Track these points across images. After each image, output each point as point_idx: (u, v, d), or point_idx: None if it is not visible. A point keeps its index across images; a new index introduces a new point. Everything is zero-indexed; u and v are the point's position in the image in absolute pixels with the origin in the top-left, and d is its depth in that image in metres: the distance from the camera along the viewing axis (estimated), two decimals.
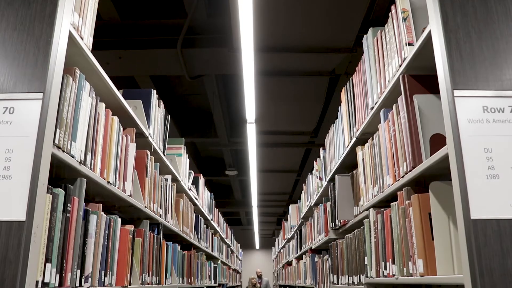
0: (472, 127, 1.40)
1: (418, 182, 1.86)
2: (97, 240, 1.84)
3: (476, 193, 1.33)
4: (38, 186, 1.35)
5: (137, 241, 2.45)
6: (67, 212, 1.57)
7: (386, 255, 2.07)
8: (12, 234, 1.32)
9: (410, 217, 1.76)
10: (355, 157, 2.76)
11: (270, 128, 7.56)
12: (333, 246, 3.45)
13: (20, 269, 1.29)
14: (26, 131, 1.40)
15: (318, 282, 4.35)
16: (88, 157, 1.78)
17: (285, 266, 9.19)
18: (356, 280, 2.70)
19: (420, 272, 1.66)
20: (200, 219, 5.05)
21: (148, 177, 2.71)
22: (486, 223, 1.31)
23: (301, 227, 6.17)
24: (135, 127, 2.51)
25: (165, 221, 3.14)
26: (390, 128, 2.05)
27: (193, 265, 4.44)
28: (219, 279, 7.25)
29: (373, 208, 2.28)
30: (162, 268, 3.04)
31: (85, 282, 1.74)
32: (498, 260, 1.29)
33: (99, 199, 2.28)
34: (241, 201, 13.04)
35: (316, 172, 4.63)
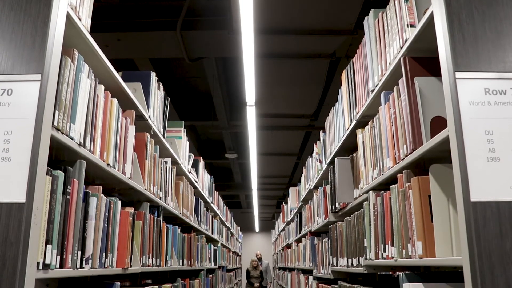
0: (473, 109, 1.39)
1: (418, 164, 1.86)
2: (97, 222, 1.85)
3: (476, 176, 1.33)
4: (37, 168, 1.35)
5: (137, 223, 2.46)
6: (67, 194, 1.57)
7: (385, 237, 2.08)
8: (12, 215, 1.32)
9: (409, 200, 1.76)
10: (355, 140, 2.76)
11: (270, 111, 7.54)
12: (332, 228, 3.46)
13: (21, 250, 1.30)
14: (24, 113, 1.39)
15: (318, 265, 4.38)
16: (88, 139, 1.77)
17: (285, 249, 9.25)
18: (355, 263, 2.72)
19: (419, 254, 1.67)
20: (200, 202, 5.07)
21: (148, 159, 2.71)
22: (485, 205, 1.31)
23: (301, 210, 6.20)
24: (135, 110, 2.50)
25: (165, 203, 3.15)
26: (391, 110, 2.04)
27: (193, 247, 4.47)
28: (219, 262, 7.31)
29: (372, 190, 2.29)
30: (163, 250, 3.06)
31: (85, 264, 1.74)
32: (497, 242, 1.29)
33: (99, 181, 2.28)
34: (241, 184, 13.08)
35: (316, 155, 4.63)
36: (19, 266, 1.29)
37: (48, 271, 1.43)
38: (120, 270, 2.14)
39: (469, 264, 1.29)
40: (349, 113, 2.91)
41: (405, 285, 1.73)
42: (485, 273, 1.28)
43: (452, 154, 1.39)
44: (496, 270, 1.28)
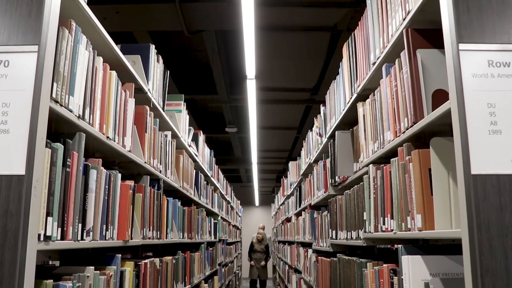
0: (476, 82, 1.38)
1: (418, 138, 1.86)
2: (97, 195, 1.85)
3: (477, 148, 1.32)
4: (36, 140, 1.35)
5: (138, 196, 2.47)
6: (66, 167, 1.57)
7: (385, 210, 2.09)
8: (12, 187, 1.32)
9: (410, 173, 1.76)
10: (355, 114, 2.75)
11: (270, 84, 7.50)
12: (332, 202, 3.48)
13: (22, 222, 1.30)
14: (22, 85, 1.38)
15: (317, 238, 4.41)
16: (87, 111, 1.76)
17: (284, 223, 9.32)
18: (355, 236, 2.74)
19: (419, 227, 1.68)
20: (200, 176, 5.09)
21: (147, 132, 2.70)
22: (486, 178, 1.31)
23: (301, 183, 6.22)
24: (134, 82, 2.48)
25: (165, 177, 3.15)
26: (392, 83, 2.03)
27: (194, 220, 4.50)
28: (219, 235, 7.37)
29: (373, 164, 2.29)
30: (163, 223, 3.08)
31: (86, 236, 1.75)
32: (496, 214, 1.29)
33: (99, 155, 2.28)
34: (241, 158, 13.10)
35: (316, 129, 4.63)
36: (20, 238, 1.30)
37: (49, 243, 1.44)
38: (121, 242, 2.16)
39: (468, 236, 1.29)
40: (350, 87, 2.89)
41: (403, 257, 1.75)
42: (483, 245, 1.28)
43: (453, 127, 1.38)
44: (494, 242, 1.28)
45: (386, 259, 2.21)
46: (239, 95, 7.71)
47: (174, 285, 3.46)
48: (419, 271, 1.71)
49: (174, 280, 3.46)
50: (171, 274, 3.33)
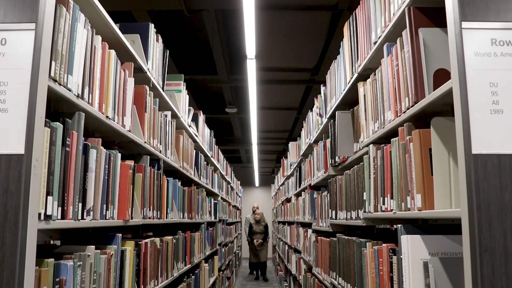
0: (479, 61, 1.36)
1: (419, 118, 1.85)
2: (97, 174, 1.85)
3: (478, 128, 1.32)
4: (35, 119, 1.34)
5: (138, 176, 2.47)
6: (66, 146, 1.57)
7: (384, 190, 2.09)
8: (11, 167, 1.32)
9: (410, 153, 1.76)
10: (356, 94, 2.74)
11: (270, 64, 7.45)
12: (332, 182, 3.49)
13: (22, 201, 1.31)
14: (20, 63, 1.36)
15: (317, 218, 4.44)
16: (86, 91, 1.75)
17: (284, 203, 9.37)
18: (354, 215, 2.75)
19: (418, 207, 1.68)
20: (200, 156, 5.09)
21: (147, 112, 2.69)
22: (486, 158, 1.30)
23: (301, 164, 6.23)
24: (133, 62, 2.46)
25: (165, 157, 3.15)
26: (393, 62, 2.01)
27: (194, 200, 4.51)
28: (219, 215, 7.41)
29: (373, 144, 2.28)
30: (163, 203, 3.09)
31: (87, 215, 1.76)
32: (496, 194, 1.30)
33: (98, 134, 2.27)
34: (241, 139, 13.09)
35: (316, 109, 4.61)
36: (20, 217, 1.30)
37: (50, 222, 1.45)
38: (121, 222, 2.17)
39: (467, 216, 1.29)
40: (351, 66, 2.87)
41: (403, 237, 1.75)
42: (483, 224, 1.29)
43: (455, 106, 1.37)
44: (494, 221, 1.29)
45: (385, 239, 2.23)
46: (239, 75, 7.67)
47: (175, 265, 3.49)
48: (418, 250, 1.72)
49: (175, 259, 3.49)
50: (172, 254, 3.36)
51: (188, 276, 4.21)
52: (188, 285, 4.11)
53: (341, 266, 3.03)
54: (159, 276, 2.94)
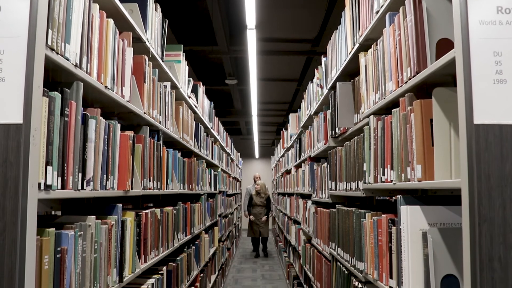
0: (483, 29, 1.34)
1: (421, 89, 1.83)
2: (97, 144, 1.84)
3: (481, 98, 1.30)
4: (33, 89, 1.33)
5: (137, 147, 2.46)
6: (65, 116, 1.56)
7: (384, 161, 2.09)
8: (10, 136, 1.31)
9: (411, 123, 1.75)
10: (357, 64, 2.71)
11: (270, 35, 7.37)
12: (332, 153, 3.49)
13: (22, 171, 1.30)
14: (16, 31, 1.34)
15: (316, 189, 4.46)
16: (84, 60, 1.73)
17: (284, 175, 9.40)
18: (354, 186, 2.76)
19: (418, 178, 1.68)
20: (200, 127, 5.08)
21: (146, 83, 2.67)
22: (488, 128, 1.29)
23: (301, 135, 6.23)
24: (132, 31, 2.43)
25: (164, 128, 3.14)
26: (396, 32, 1.98)
27: (194, 172, 4.53)
28: (219, 186, 7.45)
29: (373, 115, 2.27)
30: (163, 174, 3.09)
31: (87, 186, 1.76)
32: (497, 165, 1.29)
33: (98, 105, 2.25)
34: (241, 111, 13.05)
35: (317, 80, 4.58)
36: (20, 187, 1.30)
37: (50, 191, 1.45)
38: (121, 192, 2.17)
39: (467, 186, 1.29)
40: (352, 36, 2.84)
41: (402, 207, 1.76)
42: (482, 194, 1.29)
43: (457, 76, 1.35)
44: (493, 192, 1.29)
45: (384, 210, 2.24)
46: (239, 46, 7.59)
47: (175, 235, 3.52)
48: (417, 221, 1.73)
49: (175, 230, 3.52)
50: (172, 224, 3.38)
51: (188, 247, 4.26)
52: (188, 255, 4.15)
53: (340, 237, 3.06)
54: (160, 246, 2.97)
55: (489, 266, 1.27)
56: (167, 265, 3.27)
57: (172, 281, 3.35)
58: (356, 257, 2.55)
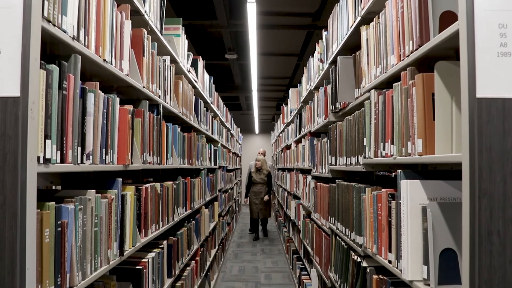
0: (489, 0, 1.31)
1: (423, 62, 1.81)
2: (96, 118, 1.83)
3: (484, 71, 1.28)
4: (30, 61, 1.31)
5: (137, 121, 2.45)
6: (63, 90, 1.54)
7: (385, 136, 2.08)
8: (8, 110, 1.30)
9: (412, 97, 1.74)
10: (358, 38, 2.68)
11: (271, 8, 7.27)
12: (332, 128, 3.48)
13: (20, 144, 1.30)
14: (10, 2, 1.31)
15: (316, 164, 4.46)
16: (82, 33, 1.71)
17: (284, 150, 9.41)
18: (354, 161, 2.76)
19: (419, 152, 1.68)
20: (199, 102, 5.06)
21: (145, 57, 2.64)
22: (491, 102, 1.28)
23: (301, 111, 6.21)
24: (130, 4, 2.39)
25: (164, 102, 3.12)
26: (398, 5, 1.95)
27: (194, 146, 4.52)
28: (219, 162, 7.45)
29: (374, 89, 2.25)
30: (163, 149, 3.09)
31: (86, 159, 1.76)
32: (498, 139, 1.28)
33: (96, 79, 2.23)
34: (241, 86, 12.99)
35: (317, 55, 4.54)
36: (19, 160, 1.30)
37: (49, 165, 1.44)
38: (121, 166, 2.17)
39: (468, 160, 1.29)
40: (354, 10, 2.80)
41: (402, 181, 1.76)
42: (483, 168, 1.28)
43: (460, 48, 1.33)
44: (494, 166, 1.28)
45: (384, 185, 2.24)
46: (239, 20, 7.50)
47: (175, 210, 3.53)
48: (417, 195, 1.73)
49: (175, 204, 3.53)
50: (172, 199, 3.39)
51: (188, 221, 4.29)
52: (188, 230, 4.18)
53: (340, 212, 3.07)
54: (160, 220, 2.99)
55: (488, 240, 1.28)
56: (167, 239, 3.29)
57: (172, 255, 3.38)
58: (356, 231, 2.57)
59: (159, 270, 2.96)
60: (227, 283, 6.58)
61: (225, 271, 7.30)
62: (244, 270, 7.34)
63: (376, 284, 2.20)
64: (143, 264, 2.59)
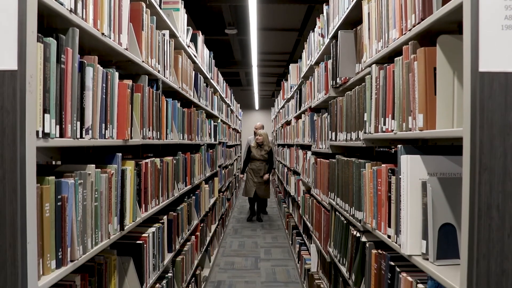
0: None
1: (425, 37, 1.79)
2: (95, 93, 1.82)
3: (487, 45, 1.26)
4: (27, 34, 1.29)
5: (136, 96, 2.44)
6: (61, 63, 1.52)
7: (386, 111, 2.07)
8: (5, 83, 1.28)
9: (414, 72, 1.72)
10: (360, 12, 2.64)
11: None
12: (332, 104, 3.46)
13: (19, 118, 1.29)
14: None
15: (316, 140, 4.46)
16: (79, 5, 1.68)
17: (284, 126, 9.40)
18: (354, 137, 2.75)
19: (420, 127, 1.67)
20: (199, 77, 5.02)
21: (144, 31, 2.61)
22: (493, 76, 1.27)
23: (301, 86, 6.18)
24: None
25: (163, 77, 3.10)
26: None
27: (193, 122, 4.51)
28: (219, 137, 7.45)
29: (375, 64, 2.23)
30: (163, 124, 3.08)
31: (86, 134, 1.75)
32: (500, 113, 1.27)
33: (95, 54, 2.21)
34: (241, 61, 12.90)
35: (318, 30, 4.49)
36: (18, 134, 1.29)
37: (48, 139, 1.44)
38: (120, 141, 2.16)
39: (469, 135, 1.28)
40: None
41: (403, 156, 1.76)
42: (484, 143, 1.28)
43: (464, 21, 1.31)
44: (495, 141, 1.28)
45: (384, 161, 2.23)
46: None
47: (175, 185, 3.54)
48: (417, 170, 1.73)
49: (175, 180, 3.54)
50: (172, 174, 3.40)
51: (188, 197, 4.31)
52: (188, 205, 4.21)
53: (339, 187, 3.08)
54: (160, 195, 3.00)
55: (487, 214, 1.28)
56: (167, 214, 3.31)
57: (172, 230, 3.40)
58: (355, 206, 2.58)
59: (160, 244, 2.99)
60: (227, 258, 6.65)
61: (225, 246, 7.37)
62: (244, 245, 7.42)
63: (375, 258, 2.21)
64: (143, 239, 2.61)
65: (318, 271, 4.38)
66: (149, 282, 2.66)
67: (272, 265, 6.28)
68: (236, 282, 5.53)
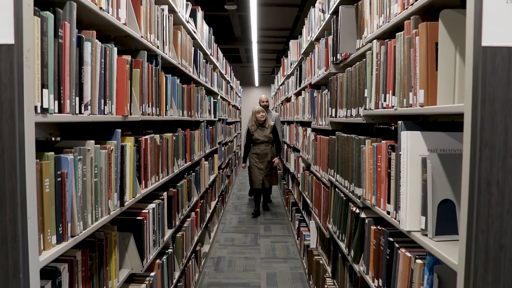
0: None
1: (427, 11, 1.76)
2: (93, 68, 1.80)
3: (491, 18, 1.24)
4: (23, 7, 1.27)
5: (135, 71, 2.42)
6: (59, 38, 1.51)
7: (386, 87, 2.06)
8: (2, 58, 1.27)
9: (415, 47, 1.70)
10: None
11: None
12: (333, 80, 3.44)
13: (17, 93, 1.28)
14: None
15: (316, 117, 4.44)
16: None
17: (284, 103, 9.37)
18: (355, 113, 2.74)
19: (420, 103, 1.66)
20: (199, 53, 4.98)
21: (143, 5, 2.58)
22: (496, 51, 1.25)
23: (301, 63, 6.13)
24: None
25: (163, 53, 3.07)
26: None
27: (193, 98, 4.49)
28: (219, 114, 7.42)
29: (377, 39, 2.21)
30: (162, 100, 3.06)
31: (85, 110, 1.74)
32: (502, 89, 1.26)
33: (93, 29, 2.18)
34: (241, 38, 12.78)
35: (319, 5, 4.44)
36: (16, 109, 1.28)
37: (47, 115, 1.43)
38: (120, 117, 2.15)
39: (470, 111, 1.27)
40: None
41: (403, 133, 1.75)
42: (485, 119, 1.27)
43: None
44: (497, 116, 1.27)
45: (384, 137, 2.23)
46: None
47: (175, 161, 3.54)
48: (417, 146, 1.72)
49: (175, 156, 3.54)
50: (172, 151, 3.40)
51: (188, 173, 4.31)
52: (188, 181, 4.22)
53: (339, 164, 3.08)
54: (160, 172, 3.00)
55: (487, 190, 1.28)
56: (167, 190, 3.32)
57: (172, 206, 3.42)
58: (355, 183, 2.58)
59: (160, 220, 3.00)
60: (226, 234, 6.71)
61: (225, 222, 7.42)
62: (244, 222, 7.46)
63: (374, 234, 2.23)
64: (143, 215, 2.62)
65: (317, 247, 4.41)
66: (149, 257, 2.68)
67: (271, 242, 6.34)
68: (235, 258, 5.59)
